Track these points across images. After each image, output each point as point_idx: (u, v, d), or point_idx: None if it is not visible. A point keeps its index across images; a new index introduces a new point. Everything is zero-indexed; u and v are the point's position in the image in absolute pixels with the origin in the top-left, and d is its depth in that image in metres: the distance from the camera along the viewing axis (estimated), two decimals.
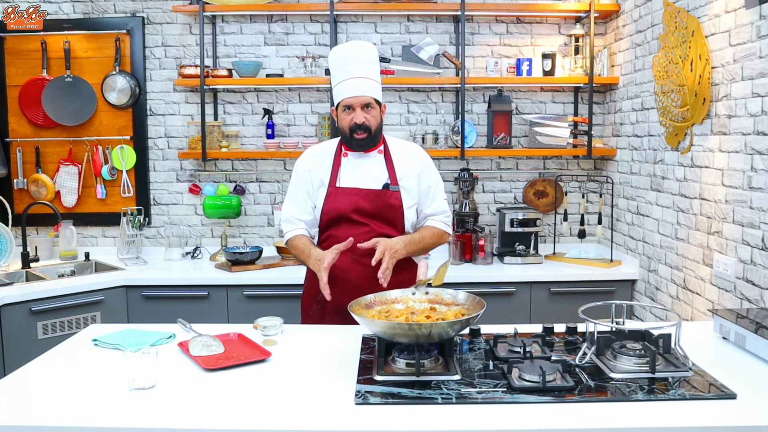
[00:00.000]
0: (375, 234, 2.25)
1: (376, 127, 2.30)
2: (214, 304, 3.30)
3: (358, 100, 2.26)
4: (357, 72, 2.27)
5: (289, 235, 2.37)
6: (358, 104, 2.26)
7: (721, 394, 1.51)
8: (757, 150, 2.32)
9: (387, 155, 2.38)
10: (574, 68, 3.72)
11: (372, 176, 2.33)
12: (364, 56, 2.30)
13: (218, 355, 1.81)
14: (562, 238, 3.89)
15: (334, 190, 2.32)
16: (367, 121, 2.27)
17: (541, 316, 3.28)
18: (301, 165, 2.41)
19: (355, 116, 2.27)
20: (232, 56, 3.84)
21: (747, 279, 2.39)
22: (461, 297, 1.89)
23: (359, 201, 2.29)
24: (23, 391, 1.61)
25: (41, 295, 3.04)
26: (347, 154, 2.37)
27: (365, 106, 2.27)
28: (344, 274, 2.25)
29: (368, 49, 2.34)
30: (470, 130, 3.77)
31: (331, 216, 2.31)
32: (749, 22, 2.35)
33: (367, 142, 2.31)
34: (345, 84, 2.27)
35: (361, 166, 2.35)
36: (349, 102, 2.27)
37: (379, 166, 2.35)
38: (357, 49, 2.33)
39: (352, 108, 2.27)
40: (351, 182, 2.33)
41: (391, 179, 2.33)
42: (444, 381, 1.58)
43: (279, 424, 1.41)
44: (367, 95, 2.27)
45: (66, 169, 3.83)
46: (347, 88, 2.27)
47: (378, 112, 2.32)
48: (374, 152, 2.37)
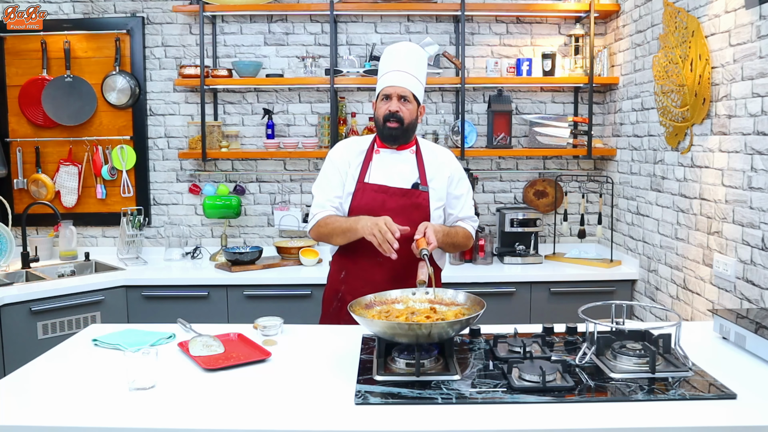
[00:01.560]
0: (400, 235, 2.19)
1: (409, 120, 2.29)
2: (214, 304, 3.30)
3: (396, 90, 2.26)
4: (401, 66, 2.29)
5: (321, 214, 2.30)
6: (395, 94, 2.26)
7: (721, 394, 1.51)
8: (757, 150, 2.32)
9: (419, 155, 2.37)
10: (574, 68, 3.72)
11: (402, 174, 2.32)
12: (412, 55, 2.33)
13: (218, 355, 1.81)
14: (562, 238, 3.89)
15: (363, 186, 2.30)
16: (401, 111, 2.26)
17: (541, 316, 3.28)
18: (338, 154, 2.38)
19: (390, 105, 2.27)
20: (232, 56, 3.84)
21: (747, 279, 2.39)
22: (461, 297, 1.89)
23: (387, 199, 2.28)
24: (23, 391, 1.61)
25: (41, 295, 3.04)
26: (379, 151, 2.36)
27: (402, 98, 2.27)
28: (366, 275, 2.24)
29: (417, 50, 2.37)
30: (470, 130, 3.77)
31: (358, 212, 2.27)
32: (749, 22, 2.35)
33: (398, 134, 2.29)
34: (387, 75, 2.29)
35: (392, 163, 2.34)
36: (387, 91, 2.28)
37: (410, 165, 2.34)
38: (406, 48, 2.35)
39: (390, 98, 2.27)
40: (380, 179, 2.31)
41: (420, 179, 2.32)
42: (444, 381, 1.58)
43: (279, 424, 1.40)
44: (406, 87, 2.27)
45: (66, 169, 3.83)
46: (388, 79, 2.28)
47: (414, 108, 2.31)
48: (406, 151, 2.36)
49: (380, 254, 2.08)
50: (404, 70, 2.29)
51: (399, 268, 2.20)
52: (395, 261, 2.10)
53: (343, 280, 2.34)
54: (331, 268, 2.44)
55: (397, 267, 2.19)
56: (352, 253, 2.28)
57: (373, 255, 2.14)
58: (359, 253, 2.24)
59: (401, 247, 2.12)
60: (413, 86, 2.30)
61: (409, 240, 2.21)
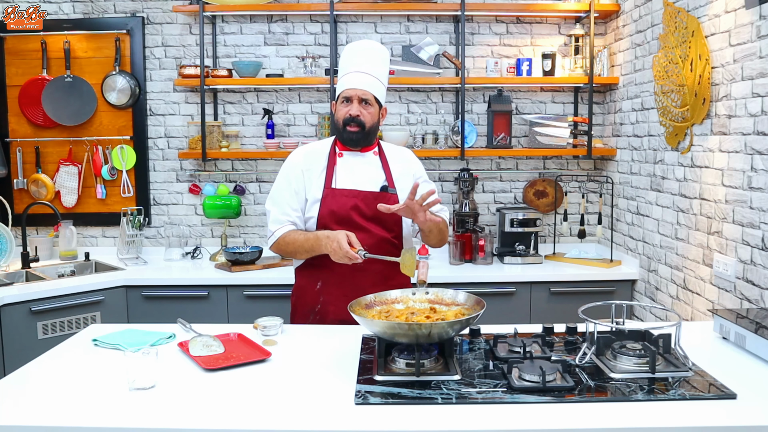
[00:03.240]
0: (376, 239, 2.21)
1: (371, 124, 2.24)
2: (214, 304, 3.30)
3: (357, 93, 2.21)
4: (362, 67, 2.22)
5: (280, 231, 2.24)
6: (356, 97, 2.21)
7: (721, 394, 1.51)
8: (757, 150, 2.32)
9: (382, 157, 2.33)
10: (574, 68, 3.72)
11: (369, 177, 2.28)
12: (373, 55, 2.27)
13: (218, 355, 1.81)
14: (562, 238, 3.89)
15: (331, 192, 2.24)
16: (361, 116, 2.21)
17: (541, 316, 3.28)
18: (293, 165, 2.30)
19: (350, 108, 2.21)
20: (232, 56, 3.84)
21: (747, 279, 2.39)
22: (461, 297, 1.89)
23: (358, 203, 2.23)
24: (23, 391, 1.61)
25: (41, 295, 3.04)
26: (342, 154, 2.31)
27: (363, 101, 2.22)
28: (348, 282, 2.19)
29: (379, 49, 2.31)
30: (470, 130, 3.77)
31: (330, 219, 2.21)
32: (749, 22, 2.35)
33: (359, 138, 2.24)
34: (347, 77, 2.23)
35: (358, 166, 2.29)
36: (347, 94, 2.22)
37: (376, 167, 2.31)
38: (368, 47, 2.29)
39: (350, 100, 2.22)
40: (348, 183, 2.26)
41: (388, 181, 2.28)
42: (444, 381, 1.58)
43: (279, 424, 1.40)
44: (367, 90, 2.21)
45: (66, 169, 3.83)
46: (348, 81, 2.22)
47: (376, 111, 2.26)
48: (369, 153, 2.32)
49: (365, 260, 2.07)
50: (365, 71, 2.22)
51: (383, 268, 2.14)
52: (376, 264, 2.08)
53: (320, 290, 2.26)
54: (299, 281, 2.34)
55: (380, 268, 2.14)
56: (327, 262, 2.14)
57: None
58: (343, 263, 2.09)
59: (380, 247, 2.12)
60: (374, 88, 2.23)
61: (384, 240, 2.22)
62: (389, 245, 2.25)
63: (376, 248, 2.15)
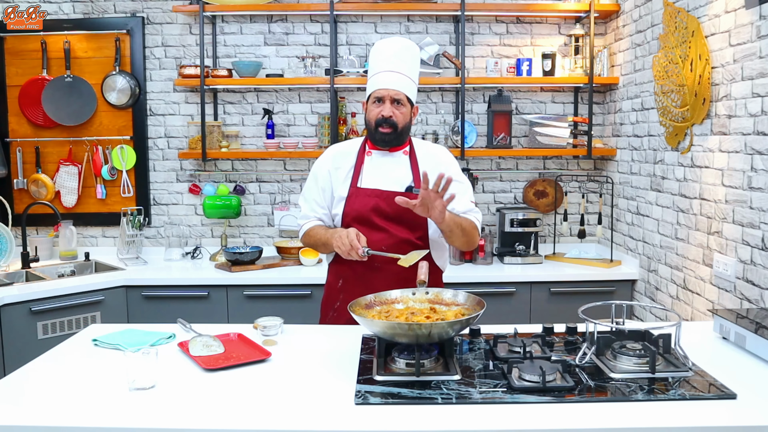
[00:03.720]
0: (395, 240, 2.19)
1: (403, 125, 2.21)
2: (214, 304, 3.30)
3: (389, 93, 2.17)
4: (393, 66, 2.18)
5: (306, 226, 2.31)
6: (389, 97, 2.17)
7: (721, 394, 1.51)
8: (757, 150, 2.32)
9: (412, 156, 2.28)
10: (574, 68, 3.72)
11: (395, 177, 2.24)
12: (405, 53, 2.22)
13: (218, 355, 1.81)
14: (562, 238, 3.89)
15: (356, 191, 2.24)
16: (394, 116, 2.18)
17: (541, 316, 3.28)
18: (322, 165, 2.32)
19: (383, 109, 2.18)
20: (232, 56, 3.84)
21: (747, 279, 2.39)
22: (461, 297, 1.89)
23: (380, 203, 2.20)
24: (23, 391, 1.61)
25: (41, 295, 3.04)
26: (371, 153, 2.28)
27: (395, 101, 2.18)
28: (366, 282, 2.16)
29: (410, 47, 2.25)
30: (470, 130, 3.77)
31: (351, 218, 2.22)
32: (749, 22, 2.35)
33: (391, 138, 2.21)
34: (379, 76, 2.19)
35: (385, 165, 2.26)
36: (379, 94, 2.18)
37: (404, 167, 2.26)
38: (398, 45, 2.23)
39: (382, 101, 2.18)
40: (373, 183, 2.24)
41: (414, 181, 2.23)
42: (444, 381, 1.58)
43: (279, 424, 1.40)
44: (400, 90, 2.18)
45: (66, 169, 3.83)
46: (380, 81, 2.18)
47: (408, 111, 2.22)
48: (399, 152, 2.28)
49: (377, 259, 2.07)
50: (397, 70, 2.19)
51: (399, 271, 2.12)
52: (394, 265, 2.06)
53: (341, 288, 2.28)
54: (328, 276, 2.38)
55: (396, 270, 2.13)
56: (349, 261, 2.15)
57: (370, 260, 2.09)
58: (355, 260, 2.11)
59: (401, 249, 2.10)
60: (406, 88, 2.20)
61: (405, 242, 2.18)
62: (411, 246, 2.18)
63: (396, 249, 2.13)
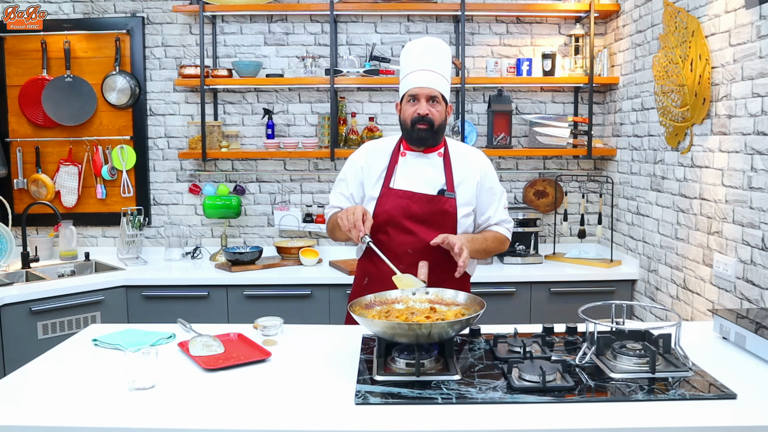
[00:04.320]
0: (424, 243, 2.15)
1: (439, 122, 2.18)
2: (214, 304, 3.30)
3: (424, 91, 2.15)
4: (426, 65, 2.17)
5: (329, 213, 2.33)
6: (424, 96, 2.15)
7: (721, 394, 1.51)
8: (757, 150, 2.32)
9: (447, 159, 2.25)
10: (574, 68, 3.72)
11: (428, 180, 2.21)
12: (436, 52, 2.20)
13: (218, 355, 1.81)
14: (562, 238, 3.89)
15: (387, 191, 2.21)
16: (430, 114, 2.15)
17: (541, 316, 3.29)
18: (356, 160, 2.31)
19: (419, 107, 2.15)
20: (232, 56, 3.84)
21: (747, 279, 2.39)
22: (461, 297, 1.89)
23: (411, 205, 2.17)
24: (23, 391, 1.61)
25: (41, 295, 3.04)
26: (405, 153, 2.26)
27: (431, 99, 2.16)
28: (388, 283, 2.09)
29: (442, 45, 2.23)
30: (470, 130, 3.77)
31: (381, 219, 2.18)
32: (749, 22, 2.35)
33: (428, 136, 2.18)
34: (412, 75, 2.17)
35: (419, 167, 2.23)
36: (414, 92, 2.16)
37: (437, 169, 2.23)
38: (430, 45, 2.22)
39: (417, 99, 2.16)
40: (405, 184, 2.21)
41: (447, 185, 2.20)
42: (444, 381, 1.58)
43: (279, 424, 1.40)
44: (435, 88, 2.16)
45: (66, 169, 3.83)
46: (414, 79, 2.17)
47: (443, 109, 2.19)
48: (434, 154, 2.25)
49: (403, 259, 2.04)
50: (431, 68, 2.16)
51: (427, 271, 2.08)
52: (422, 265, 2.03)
53: (366, 286, 2.24)
54: (357, 271, 2.37)
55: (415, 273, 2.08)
56: (375, 258, 2.12)
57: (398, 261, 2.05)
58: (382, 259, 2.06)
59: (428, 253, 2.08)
60: (441, 86, 2.18)
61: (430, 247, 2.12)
62: (439, 251, 2.14)
63: (421, 253, 2.12)
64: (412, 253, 2.11)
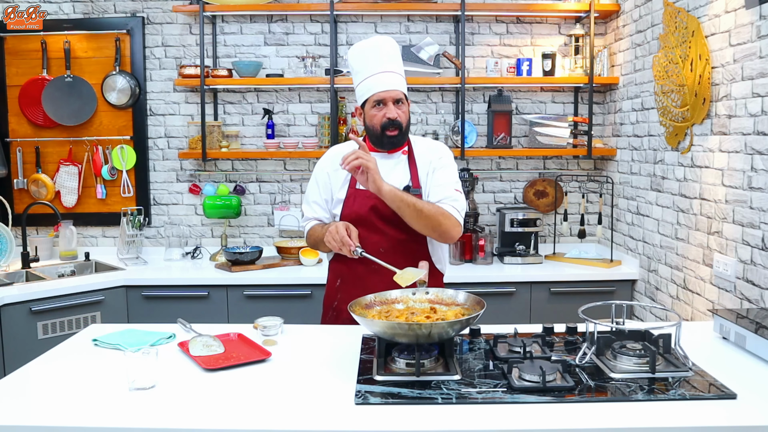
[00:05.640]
0: (393, 241, 2.18)
1: (406, 123, 2.21)
2: (214, 304, 3.30)
3: (390, 94, 2.15)
4: (385, 66, 2.16)
5: (307, 227, 2.35)
6: (390, 99, 2.15)
7: (721, 394, 1.51)
8: (757, 150, 2.32)
9: (410, 156, 2.27)
10: (574, 68, 3.72)
11: (393, 178, 2.19)
12: (389, 50, 2.20)
13: (218, 355, 1.81)
14: (562, 238, 3.89)
15: (354, 192, 2.23)
16: (399, 117, 2.17)
17: (541, 316, 3.29)
18: (322, 167, 2.33)
19: (387, 111, 2.15)
20: (232, 56, 3.84)
21: (747, 279, 2.39)
22: (461, 297, 1.89)
23: (377, 203, 2.16)
24: (23, 391, 1.61)
25: (41, 295, 3.04)
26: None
27: (396, 102, 2.17)
28: (363, 283, 2.15)
29: (391, 42, 2.23)
30: (470, 130, 3.77)
31: (350, 219, 2.19)
32: (749, 22, 2.35)
33: (399, 139, 2.20)
34: (373, 79, 2.16)
35: (383, 167, 2.21)
36: (380, 96, 2.15)
37: (402, 167, 2.25)
38: (381, 44, 2.20)
39: (384, 103, 2.16)
40: None
41: (413, 181, 2.22)
42: (444, 381, 1.58)
43: (279, 424, 1.40)
44: (399, 90, 2.17)
45: (66, 169, 3.83)
46: (377, 83, 2.15)
47: (407, 108, 2.22)
48: (398, 153, 2.26)
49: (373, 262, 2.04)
50: (390, 69, 2.17)
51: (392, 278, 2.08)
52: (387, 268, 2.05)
53: (339, 288, 2.27)
54: (328, 274, 2.38)
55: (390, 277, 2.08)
56: (346, 259, 2.16)
57: (368, 261, 2.06)
58: (354, 259, 2.10)
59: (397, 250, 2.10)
60: (403, 86, 2.20)
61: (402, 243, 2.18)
62: (407, 246, 2.18)
63: (392, 251, 2.14)
64: (384, 252, 2.11)
